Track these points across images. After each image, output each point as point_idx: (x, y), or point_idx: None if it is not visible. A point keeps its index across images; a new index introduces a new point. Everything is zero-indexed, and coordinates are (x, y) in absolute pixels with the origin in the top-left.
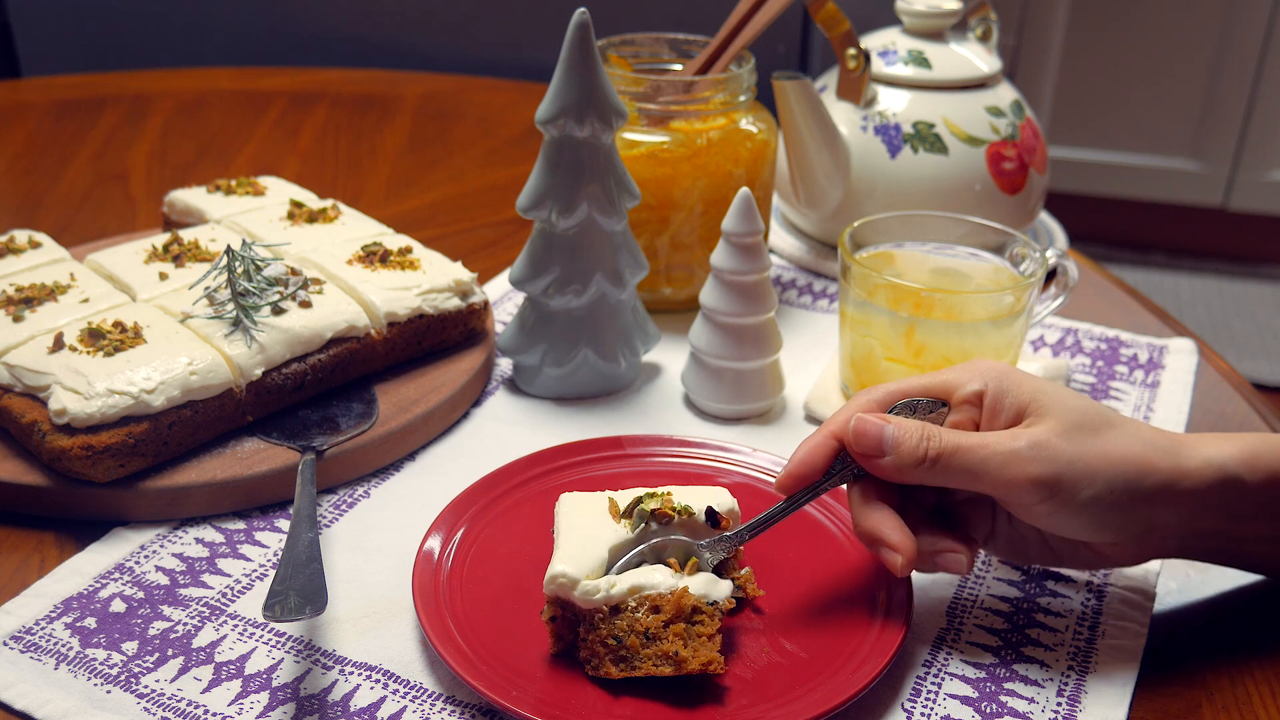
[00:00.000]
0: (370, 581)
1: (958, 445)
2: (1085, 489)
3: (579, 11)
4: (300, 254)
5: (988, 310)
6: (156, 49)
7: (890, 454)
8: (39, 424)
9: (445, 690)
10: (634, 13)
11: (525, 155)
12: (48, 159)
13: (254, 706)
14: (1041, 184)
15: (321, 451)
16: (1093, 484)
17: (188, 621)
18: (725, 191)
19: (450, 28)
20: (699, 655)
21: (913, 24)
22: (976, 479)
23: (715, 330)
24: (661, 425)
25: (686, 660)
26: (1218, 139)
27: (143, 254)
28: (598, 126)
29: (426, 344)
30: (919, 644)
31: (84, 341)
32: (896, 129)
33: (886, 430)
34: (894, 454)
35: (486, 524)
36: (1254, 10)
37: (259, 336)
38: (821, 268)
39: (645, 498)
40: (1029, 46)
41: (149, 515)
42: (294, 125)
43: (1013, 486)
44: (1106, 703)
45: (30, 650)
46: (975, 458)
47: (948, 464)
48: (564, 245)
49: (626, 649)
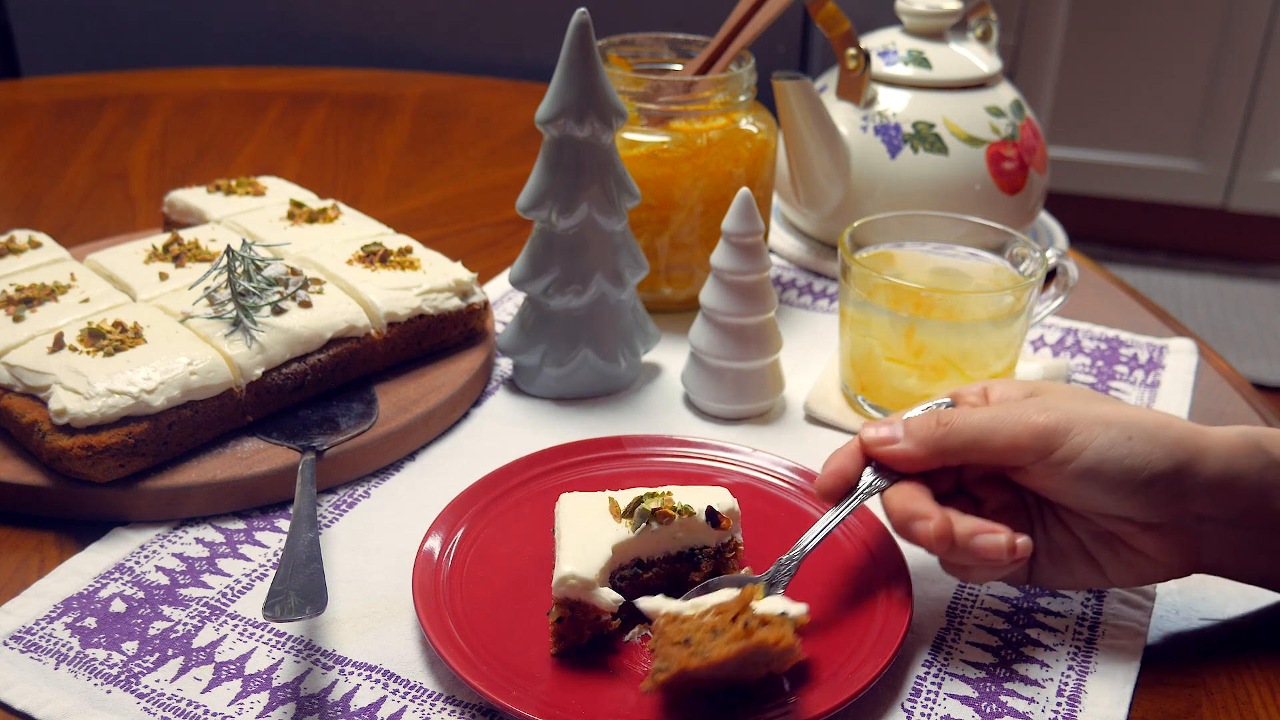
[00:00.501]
0: (370, 581)
1: (967, 412)
2: (1100, 433)
3: (579, 11)
4: (300, 254)
5: (988, 310)
6: (156, 49)
7: (903, 437)
8: (39, 424)
9: (445, 690)
10: (634, 13)
11: (525, 155)
12: (48, 159)
13: (254, 706)
14: (1041, 184)
15: (321, 451)
16: (1108, 429)
17: (188, 621)
18: (725, 191)
19: (450, 28)
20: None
21: (913, 24)
22: (990, 437)
23: (715, 330)
24: (661, 425)
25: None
26: (1218, 139)
27: (143, 254)
28: (598, 126)
29: (426, 344)
30: (919, 644)
31: (84, 341)
32: (896, 129)
33: (898, 420)
34: (907, 436)
35: (486, 524)
36: (1254, 10)
37: (259, 336)
38: (821, 268)
39: (645, 498)
40: (1029, 46)
41: (149, 515)
42: (294, 125)
43: (1023, 437)
44: (1106, 703)
45: (30, 650)
46: (985, 415)
47: (960, 429)
48: (564, 245)
49: (696, 643)
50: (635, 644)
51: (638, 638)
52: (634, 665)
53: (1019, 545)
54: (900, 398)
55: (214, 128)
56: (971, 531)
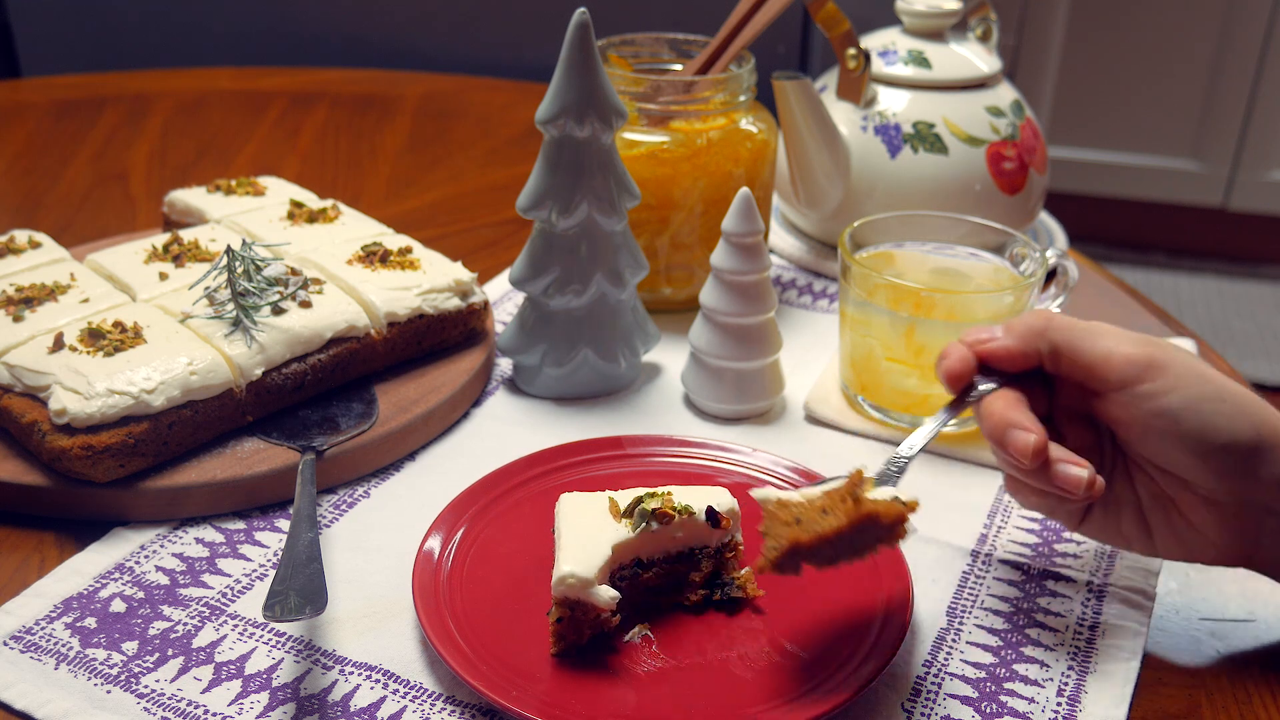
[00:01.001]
0: (370, 581)
1: (1072, 318)
2: (1194, 384)
3: (579, 11)
4: (300, 254)
5: (988, 310)
6: (156, 49)
7: (1004, 332)
8: (39, 424)
9: (445, 690)
10: (634, 13)
11: (525, 155)
12: (48, 159)
13: (254, 706)
14: (1041, 184)
15: (321, 451)
16: (1204, 384)
17: (188, 621)
18: (725, 191)
19: (450, 28)
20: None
21: (913, 24)
22: (1089, 342)
23: (715, 330)
24: (661, 425)
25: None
26: (1218, 139)
27: (143, 254)
28: (598, 126)
29: (426, 344)
30: (919, 644)
31: (84, 341)
32: (896, 129)
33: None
34: (1007, 331)
35: (486, 524)
36: (1254, 10)
37: (259, 336)
38: (821, 268)
39: (645, 497)
40: (1029, 46)
41: (149, 515)
42: (294, 125)
43: (1120, 354)
44: (1106, 703)
45: (30, 650)
46: (1091, 323)
47: (1062, 325)
48: (564, 245)
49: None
50: (635, 644)
51: (638, 638)
52: (634, 665)
53: (1098, 483)
54: (900, 398)
55: (214, 128)
56: (1059, 457)
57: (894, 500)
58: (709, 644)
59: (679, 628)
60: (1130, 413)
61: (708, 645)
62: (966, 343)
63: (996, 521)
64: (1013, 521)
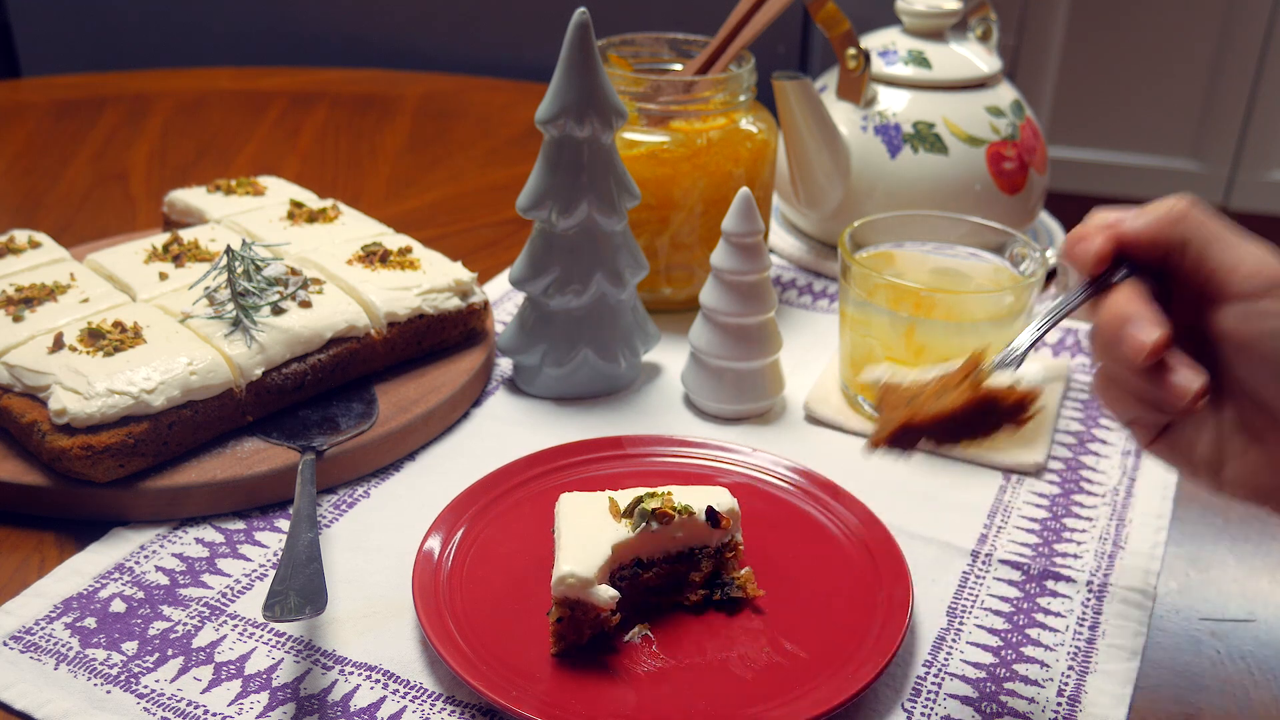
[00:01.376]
0: (370, 581)
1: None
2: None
3: (579, 11)
4: (300, 254)
5: (988, 310)
6: (156, 49)
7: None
8: (39, 424)
9: (445, 690)
10: (634, 13)
11: (525, 155)
12: (48, 159)
13: (254, 706)
14: (1041, 184)
15: (321, 451)
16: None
17: (188, 621)
18: (725, 191)
19: (450, 28)
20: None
21: (913, 24)
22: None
23: (715, 330)
24: (661, 425)
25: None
26: (1218, 139)
27: (143, 254)
28: (598, 126)
29: (426, 344)
30: (919, 644)
31: (84, 341)
32: (896, 129)
33: None
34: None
35: (486, 524)
36: (1254, 10)
37: (259, 336)
38: (821, 268)
39: (645, 497)
40: (1029, 46)
41: (149, 515)
42: (294, 125)
43: (1251, 264)
44: (1106, 703)
45: (30, 650)
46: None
47: (1200, 219)
48: (564, 245)
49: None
50: (635, 644)
51: (638, 638)
52: (634, 665)
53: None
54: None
55: (214, 128)
56: (1175, 361)
57: (1012, 386)
58: (709, 644)
59: (679, 628)
60: (1244, 328)
61: (708, 645)
62: (1101, 224)
63: (996, 521)
64: (1013, 521)
